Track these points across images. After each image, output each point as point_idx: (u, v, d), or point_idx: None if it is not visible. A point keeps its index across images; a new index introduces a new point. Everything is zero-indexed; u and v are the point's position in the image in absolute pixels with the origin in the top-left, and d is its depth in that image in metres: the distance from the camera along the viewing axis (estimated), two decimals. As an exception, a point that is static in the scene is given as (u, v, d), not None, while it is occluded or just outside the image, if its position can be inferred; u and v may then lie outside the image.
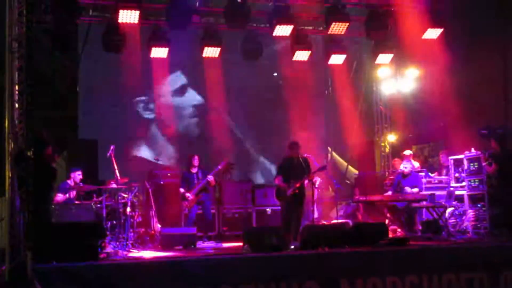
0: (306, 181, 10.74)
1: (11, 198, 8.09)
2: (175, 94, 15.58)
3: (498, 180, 10.91)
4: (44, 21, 11.44)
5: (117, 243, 9.81)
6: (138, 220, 10.91)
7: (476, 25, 13.19)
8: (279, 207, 11.30)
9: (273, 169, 14.42)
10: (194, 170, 11.80)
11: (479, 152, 11.44)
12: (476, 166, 11.41)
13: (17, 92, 9.28)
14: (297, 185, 10.63)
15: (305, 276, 8.17)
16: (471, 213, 11.47)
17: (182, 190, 11.69)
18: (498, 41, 13.28)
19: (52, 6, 11.29)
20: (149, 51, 12.68)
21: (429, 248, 9.40)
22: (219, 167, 11.93)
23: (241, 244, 9.48)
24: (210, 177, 11.62)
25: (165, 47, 12.67)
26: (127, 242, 9.96)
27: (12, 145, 8.50)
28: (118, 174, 10.61)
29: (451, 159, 12.37)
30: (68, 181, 11.06)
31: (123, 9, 11.47)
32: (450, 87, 14.06)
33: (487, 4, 13.10)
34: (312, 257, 8.65)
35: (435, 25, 12.72)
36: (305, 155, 11.18)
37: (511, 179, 10.55)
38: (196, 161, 11.85)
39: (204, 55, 13.02)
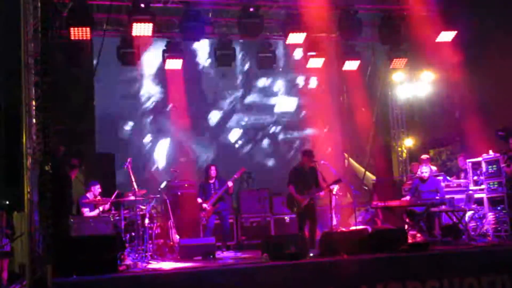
0: (321, 192, 10.69)
1: (30, 212, 8.15)
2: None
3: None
4: (59, 36, 11.58)
5: (136, 255, 9.84)
6: (156, 232, 10.94)
7: (488, 25, 13.13)
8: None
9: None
10: (212, 181, 11.83)
11: (497, 154, 11.35)
12: (494, 169, 11.31)
13: (34, 108, 9.38)
14: (309, 197, 10.61)
15: (324, 283, 8.16)
16: (491, 216, 11.36)
17: (199, 200, 11.72)
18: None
19: (67, 22, 11.42)
20: (164, 63, 12.84)
21: (449, 253, 9.33)
22: (236, 176, 11.97)
23: (260, 253, 9.48)
24: (230, 183, 11.63)
25: (180, 58, 12.80)
26: (146, 254, 9.98)
27: (30, 161, 8.57)
28: (136, 186, 10.66)
29: (469, 162, 12.28)
30: (88, 195, 11.12)
31: (137, 22, 11.57)
32: (465, 90, 14.01)
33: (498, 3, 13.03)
34: (332, 265, 8.63)
35: (448, 27, 12.68)
36: (322, 162, 11.13)
37: None
38: (213, 172, 11.89)
39: (218, 65, 13.21)
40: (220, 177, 12.02)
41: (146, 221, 10.53)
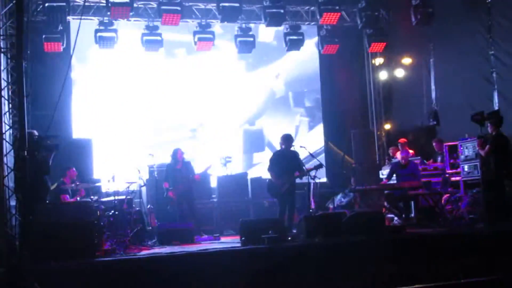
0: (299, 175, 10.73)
1: (6, 198, 8.07)
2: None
3: (492, 163, 10.91)
4: (37, 19, 11.49)
5: (114, 240, 9.81)
6: (135, 217, 10.91)
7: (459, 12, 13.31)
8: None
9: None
10: (179, 166, 11.68)
11: (473, 138, 11.46)
12: (470, 152, 11.42)
13: (10, 93, 9.30)
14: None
15: (302, 267, 8.21)
16: (467, 199, 11.48)
17: (166, 185, 11.69)
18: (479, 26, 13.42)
19: (43, 5, 11.31)
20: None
21: (425, 235, 9.44)
22: (205, 170, 11.99)
23: (238, 237, 9.52)
24: (196, 176, 11.60)
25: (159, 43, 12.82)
26: (125, 239, 9.96)
27: (6, 146, 8.49)
28: (113, 171, 10.63)
29: (446, 145, 12.39)
30: (64, 180, 11.06)
31: (115, 6, 11.51)
32: (440, 75, 14.17)
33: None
34: (310, 247, 8.69)
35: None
36: (300, 146, 11.17)
37: (505, 163, 10.53)
38: (180, 156, 11.82)
39: (198, 49, 13.23)
40: (186, 161, 11.95)
41: (124, 206, 10.49)
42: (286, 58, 14.87)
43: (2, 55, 9.22)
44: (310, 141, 14.25)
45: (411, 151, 13.21)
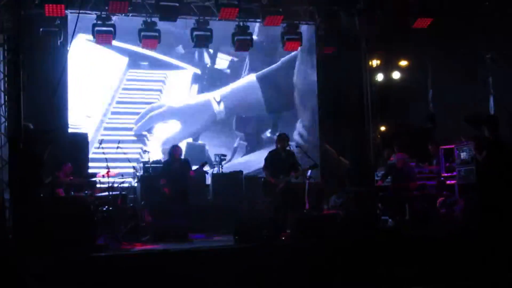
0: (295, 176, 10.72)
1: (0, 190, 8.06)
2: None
3: (487, 167, 10.92)
4: (33, 12, 11.43)
5: (108, 235, 9.78)
6: (129, 213, 10.88)
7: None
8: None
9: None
10: (176, 164, 11.68)
11: (469, 142, 11.47)
12: (466, 156, 11.43)
13: (6, 86, 9.26)
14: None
15: (296, 266, 8.21)
16: (462, 203, 11.49)
17: (162, 181, 11.64)
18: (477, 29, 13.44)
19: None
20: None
21: (419, 238, 9.44)
22: (200, 167, 11.98)
23: (232, 235, 9.51)
24: (192, 173, 11.56)
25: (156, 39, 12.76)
26: (119, 235, 9.94)
27: (2, 138, 8.46)
28: (108, 166, 10.60)
29: (442, 149, 12.40)
30: (59, 174, 11.02)
31: (113, 1, 11.48)
32: (437, 77, 14.20)
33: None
34: (303, 248, 8.69)
35: (425, 14, 12.77)
36: (295, 146, 11.17)
37: (500, 167, 10.54)
38: (178, 153, 11.80)
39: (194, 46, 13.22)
40: (183, 158, 11.95)
41: (119, 202, 10.47)
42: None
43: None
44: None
45: (406, 154, 13.22)
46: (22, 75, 9.40)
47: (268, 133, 14.78)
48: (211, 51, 14.26)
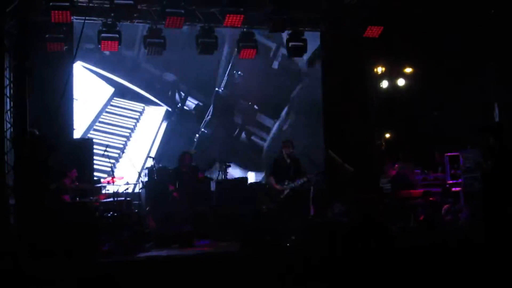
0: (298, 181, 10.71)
1: (5, 197, 8.07)
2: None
3: (493, 175, 10.88)
4: (38, 19, 11.46)
5: (113, 241, 9.79)
6: (133, 218, 10.89)
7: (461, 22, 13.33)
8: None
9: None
10: (185, 169, 11.74)
11: (474, 149, 11.45)
12: (471, 163, 11.41)
13: (12, 92, 9.28)
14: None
15: (301, 274, 8.18)
16: (467, 210, 11.47)
17: (171, 187, 11.65)
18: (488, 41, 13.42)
19: (46, 5, 11.29)
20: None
21: (424, 245, 9.41)
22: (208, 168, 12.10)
23: (236, 242, 9.49)
24: (200, 175, 11.61)
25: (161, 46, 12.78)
26: (123, 241, 9.94)
27: (7, 144, 8.48)
28: (114, 172, 10.61)
29: (447, 156, 12.38)
30: (65, 181, 11.03)
31: (119, 8, 11.52)
32: (442, 84, 14.17)
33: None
34: (308, 254, 8.66)
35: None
36: (301, 153, 11.17)
37: (506, 176, 10.51)
38: (187, 160, 11.81)
39: (199, 53, 13.22)
40: (193, 165, 12.00)
41: (123, 207, 10.47)
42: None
43: (5, 54, 9.21)
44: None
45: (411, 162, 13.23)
46: (27, 81, 9.43)
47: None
48: (182, 94, 14.95)
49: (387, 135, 15.64)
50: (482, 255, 8.88)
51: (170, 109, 14.82)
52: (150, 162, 12.72)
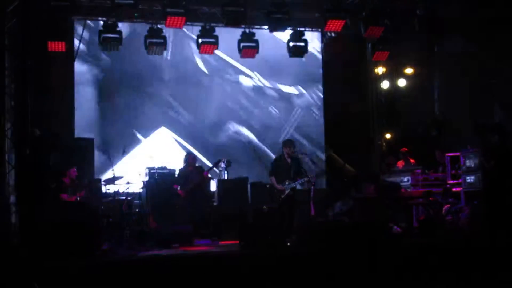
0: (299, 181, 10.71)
1: (6, 196, 8.08)
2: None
3: (496, 175, 10.89)
4: (39, 18, 11.46)
5: (114, 241, 9.80)
6: (134, 218, 10.89)
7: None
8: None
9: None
10: (190, 168, 11.82)
11: (475, 149, 11.44)
12: (472, 163, 11.40)
13: (13, 91, 9.29)
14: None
15: (301, 272, 8.19)
16: (467, 210, 11.45)
17: (176, 187, 11.69)
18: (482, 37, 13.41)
19: (48, 4, 11.29)
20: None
21: (424, 245, 9.41)
22: (212, 165, 12.13)
23: (237, 241, 9.49)
24: (205, 173, 11.65)
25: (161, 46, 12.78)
26: (124, 240, 9.94)
27: (8, 143, 8.49)
28: (114, 171, 10.61)
29: (448, 156, 12.37)
30: (64, 179, 11.03)
31: (120, 8, 11.53)
32: (443, 85, 14.17)
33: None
34: (308, 254, 8.67)
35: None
36: (301, 153, 11.17)
37: (508, 175, 10.52)
38: (192, 160, 11.90)
39: (200, 52, 13.21)
40: (198, 165, 12.07)
41: (124, 207, 10.48)
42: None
43: (6, 52, 9.22)
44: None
45: (412, 161, 13.22)
46: (28, 80, 9.44)
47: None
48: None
49: (388, 136, 15.62)
50: (483, 255, 8.90)
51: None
52: (152, 162, 12.71)
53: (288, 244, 9.46)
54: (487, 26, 13.06)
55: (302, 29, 13.88)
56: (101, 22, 12.77)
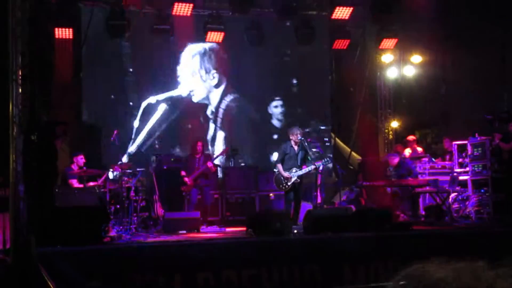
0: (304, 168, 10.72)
1: (15, 181, 8.08)
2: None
3: (507, 164, 10.86)
4: (48, 5, 11.44)
5: (121, 227, 9.84)
6: (141, 205, 10.93)
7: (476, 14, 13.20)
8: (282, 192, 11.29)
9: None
10: (198, 156, 11.84)
11: (483, 138, 11.42)
12: (480, 151, 11.38)
13: (20, 77, 9.25)
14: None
15: (307, 260, 8.20)
16: (474, 199, 11.47)
17: (183, 173, 11.73)
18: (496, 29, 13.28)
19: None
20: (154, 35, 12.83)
21: (432, 233, 9.42)
22: (219, 154, 12.19)
23: (244, 228, 9.52)
24: (210, 164, 11.65)
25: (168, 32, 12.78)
26: (131, 226, 9.98)
27: (16, 129, 8.49)
28: (122, 158, 10.64)
29: (455, 144, 12.35)
30: (72, 166, 11.08)
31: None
32: (452, 74, 14.09)
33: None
34: (315, 242, 8.69)
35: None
36: (309, 140, 11.16)
37: None
38: (199, 147, 11.90)
39: (207, 40, 13.17)
40: (206, 153, 12.04)
41: (132, 194, 10.52)
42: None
43: (14, 38, 9.20)
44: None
45: (419, 149, 13.20)
46: (36, 66, 9.42)
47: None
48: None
49: (395, 124, 15.59)
50: (490, 243, 8.89)
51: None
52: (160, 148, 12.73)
53: (295, 231, 9.48)
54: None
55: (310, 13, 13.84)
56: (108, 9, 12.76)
